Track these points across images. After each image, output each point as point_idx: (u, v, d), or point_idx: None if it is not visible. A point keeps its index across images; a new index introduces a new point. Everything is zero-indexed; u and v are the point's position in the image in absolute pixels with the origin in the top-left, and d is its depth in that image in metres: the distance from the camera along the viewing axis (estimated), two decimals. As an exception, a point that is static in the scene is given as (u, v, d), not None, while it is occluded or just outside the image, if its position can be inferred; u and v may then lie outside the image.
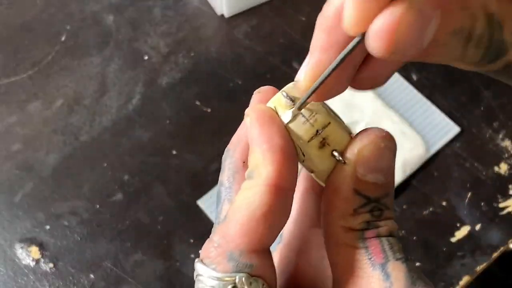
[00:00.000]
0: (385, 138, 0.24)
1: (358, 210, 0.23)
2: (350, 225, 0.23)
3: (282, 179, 0.23)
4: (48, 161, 0.62)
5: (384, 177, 0.24)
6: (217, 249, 0.23)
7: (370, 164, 0.23)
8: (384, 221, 0.24)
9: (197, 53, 0.68)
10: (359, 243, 0.23)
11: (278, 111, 0.25)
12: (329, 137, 0.24)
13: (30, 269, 0.57)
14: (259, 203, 0.23)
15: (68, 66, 0.67)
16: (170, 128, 0.63)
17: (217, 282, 0.23)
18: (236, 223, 0.23)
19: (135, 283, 0.56)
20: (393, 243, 0.23)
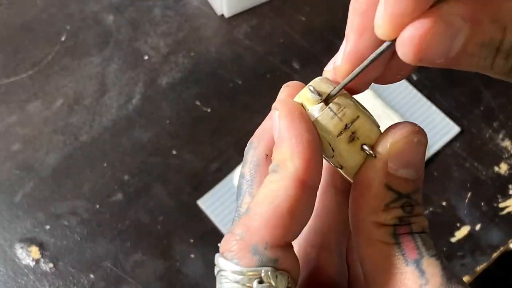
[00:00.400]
0: (418, 133, 0.24)
1: (390, 205, 0.23)
2: (382, 221, 0.23)
3: (309, 174, 0.23)
4: (48, 161, 0.62)
5: (415, 172, 0.24)
6: (239, 243, 0.23)
7: (403, 159, 0.23)
8: (416, 217, 0.23)
9: (197, 53, 0.68)
10: (391, 239, 0.23)
11: (306, 106, 0.24)
12: (359, 131, 0.23)
13: (30, 269, 0.57)
14: (285, 197, 0.23)
15: (68, 66, 0.67)
16: (170, 128, 0.63)
17: (242, 277, 0.22)
18: (261, 216, 0.23)
19: (135, 283, 0.56)
20: (425, 240, 0.23)
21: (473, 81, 0.65)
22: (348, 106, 0.24)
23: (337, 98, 0.24)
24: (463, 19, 0.20)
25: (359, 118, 0.24)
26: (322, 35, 0.69)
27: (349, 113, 0.24)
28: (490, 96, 0.65)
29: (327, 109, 0.24)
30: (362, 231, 0.24)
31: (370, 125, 0.24)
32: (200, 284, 0.56)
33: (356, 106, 0.24)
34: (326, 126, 0.24)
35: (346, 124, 0.23)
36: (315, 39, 0.68)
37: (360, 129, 0.24)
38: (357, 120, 0.24)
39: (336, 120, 0.23)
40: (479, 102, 0.65)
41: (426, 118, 0.63)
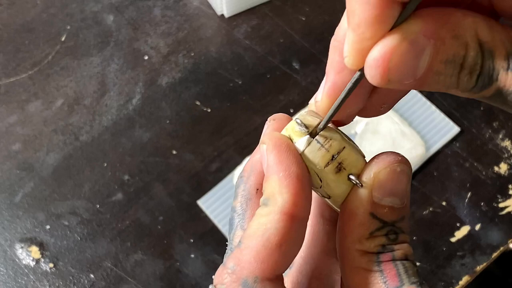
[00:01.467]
0: (401, 162, 0.24)
1: (374, 234, 0.24)
2: (366, 249, 0.24)
3: (298, 207, 0.23)
4: (48, 161, 0.62)
5: (400, 201, 0.24)
6: (231, 276, 0.23)
7: (387, 188, 0.24)
8: (400, 244, 0.24)
9: (197, 53, 0.68)
10: (374, 266, 0.24)
11: (293, 138, 0.25)
12: (345, 162, 0.24)
13: (30, 269, 0.57)
14: (274, 231, 0.23)
15: (68, 66, 0.67)
16: (170, 128, 0.63)
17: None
18: (251, 250, 0.23)
19: (135, 283, 0.56)
20: (408, 267, 0.24)
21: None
22: (334, 138, 0.24)
23: (323, 130, 0.25)
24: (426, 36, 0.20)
25: (345, 149, 0.24)
26: (322, 35, 0.69)
27: (335, 144, 0.24)
28: (490, 96, 0.65)
29: (314, 141, 0.24)
30: (347, 258, 0.24)
31: (356, 155, 0.24)
32: (200, 284, 0.56)
33: (341, 137, 0.25)
34: (313, 158, 0.24)
35: (333, 155, 0.24)
36: (315, 39, 0.68)
37: (346, 159, 0.24)
38: (343, 151, 0.24)
39: (323, 152, 0.24)
40: (478, 102, 0.65)
41: (426, 118, 0.63)
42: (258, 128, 0.63)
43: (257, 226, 0.23)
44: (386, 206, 0.24)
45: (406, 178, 0.24)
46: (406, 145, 0.61)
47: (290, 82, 0.66)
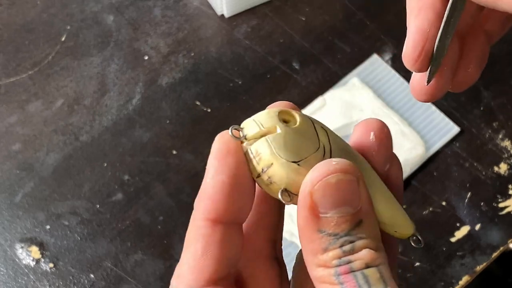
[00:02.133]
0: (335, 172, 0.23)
1: (328, 248, 0.23)
2: (323, 263, 0.23)
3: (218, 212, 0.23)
4: (48, 161, 0.62)
5: (350, 207, 0.23)
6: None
7: (328, 202, 0.22)
8: (357, 254, 0.23)
9: (197, 53, 0.68)
10: (334, 279, 0.23)
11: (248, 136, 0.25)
12: (274, 177, 0.24)
13: (30, 269, 0.57)
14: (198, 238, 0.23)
15: (68, 66, 0.67)
16: (170, 128, 0.63)
17: None
18: (183, 262, 0.23)
19: (135, 283, 0.56)
20: (369, 275, 0.22)
21: (473, 81, 0.65)
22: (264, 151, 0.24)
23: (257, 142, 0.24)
24: None
25: (273, 165, 0.24)
26: (322, 35, 0.69)
27: (265, 158, 0.24)
28: (490, 96, 0.65)
29: (249, 151, 0.24)
30: (310, 272, 0.24)
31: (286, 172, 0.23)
32: (200, 284, 0.57)
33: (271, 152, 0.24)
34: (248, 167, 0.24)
35: (262, 168, 0.24)
36: (315, 39, 0.68)
37: (276, 176, 0.24)
38: (271, 167, 0.24)
39: (254, 163, 0.24)
40: (479, 102, 0.65)
41: (426, 118, 0.63)
42: (258, 128, 0.63)
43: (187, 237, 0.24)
44: (333, 219, 0.22)
45: (347, 184, 0.23)
46: (406, 145, 0.61)
47: (290, 82, 0.66)
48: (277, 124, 0.24)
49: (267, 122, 0.25)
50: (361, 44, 0.68)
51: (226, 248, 0.24)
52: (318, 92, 0.65)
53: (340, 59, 0.67)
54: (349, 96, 0.63)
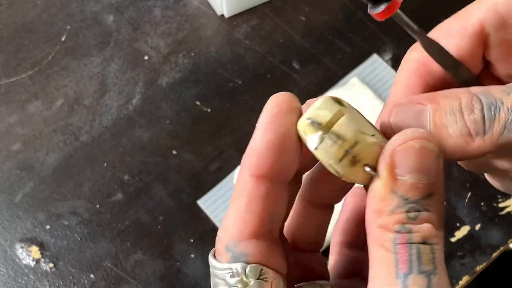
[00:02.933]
0: (420, 139, 0.23)
1: (395, 210, 0.23)
2: (385, 224, 0.23)
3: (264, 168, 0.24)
4: (48, 161, 0.62)
5: (426, 177, 0.23)
6: (219, 243, 0.25)
7: (407, 165, 0.23)
8: (419, 225, 0.23)
9: (197, 53, 0.68)
10: (391, 246, 0.23)
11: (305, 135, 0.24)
12: (359, 155, 0.24)
13: (30, 269, 0.57)
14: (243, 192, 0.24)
15: (68, 66, 0.67)
16: (170, 128, 0.63)
17: (221, 272, 0.25)
18: (229, 215, 0.24)
19: (135, 283, 0.56)
20: (423, 253, 0.23)
21: (473, 81, 0.65)
22: (347, 132, 0.24)
23: (335, 125, 0.24)
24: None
25: (358, 143, 0.24)
26: (322, 35, 0.69)
27: (348, 139, 0.24)
28: (490, 96, 0.65)
29: (327, 138, 0.24)
30: (370, 234, 0.24)
31: (370, 146, 0.24)
32: (200, 284, 0.57)
33: (355, 131, 0.24)
34: (327, 153, 0.24)
35: (346, 150, 0.24)
36: (315, 39, 0.68)
37: (360, 153, 0.24)
38: (356, 146, 0.24)
39: (336, 148, 0.24)
40: (479, 102, 0.65)
41: (426, 118, 0.63)
42: (258, 128, 0.63)
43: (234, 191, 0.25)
44: (408, 183, 0.23)
45: (429, 153, 0.23)
46: (406, 145, 0.61)
47: (290, 82, 0.66)
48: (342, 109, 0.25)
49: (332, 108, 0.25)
50: (361, 44, 0.68)
51: (269, 204, 0.24)
52: (318, 92, 0.65)
53: (340, 59, 0.67)
54: (349, 96, 0.63)
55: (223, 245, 0.25)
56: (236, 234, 0.24)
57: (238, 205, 0.24)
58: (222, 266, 0.25)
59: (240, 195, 0.24)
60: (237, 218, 0.24)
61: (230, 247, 0.24)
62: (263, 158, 0.24)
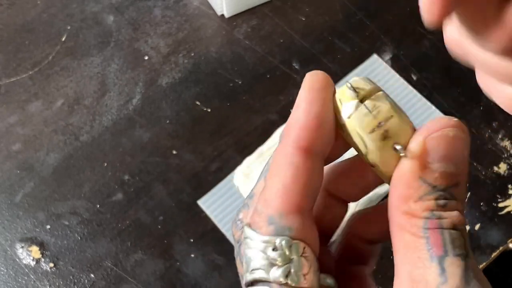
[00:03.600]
0: (454, 127, 0.24)
1: (423, 198, 0.23)
2: (413, 211, 0.23)
3: (310, 141, 0.24)
4: (49, 161, 0.62)
5: (454, 166, 0.23)
6: (258, 215, 0.24)
7: (438, 153, 0.23)
8: (449, 212, 0.23)
9: (197, 53, 0.68)
10: (421, 232, 0.23)
11: (342, 101, 0.25)
12: (391, 130, 0.24)
13: (30, 269, 0.57)
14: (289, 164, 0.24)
15: (68, 66, 0.67)
16: (170, 128, 0.64)
17: (262, 244, 0.24)
18: (272, 187, 0.24)
19: (135, 283, 0.57)
20: (455, 237, 0.23)
21: (472, 81, 0.65)
22: (383, 105, 0.24)
23: (373, 96, 0.25)
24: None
25: (393, 117, 0.24)
26: (322, 35, 0.69)
27: (383, 111, 0.24)
28: (490, 96, 0.65)
29: (362, 106, 0.24)
30: (395, 220, 0.24)
31: (404, 125, 0.24)
32: (200, 284, 0.57)
33: (391, 106, 0.25)
34: (360, 122, 0.24)
35: (380, 122, 0.24)
36: (315, 39, 0.68)
37: (393, 128, 0.24)
38: (391, 119, 0.24)
39: (370, 118, 0.24)
40: (478, 102, 0.65)
41: (426, 118, 0.63)
42: (258, 128, 0.63)
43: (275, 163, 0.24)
44: (438, 171, 0.23)
45: (461, 143, 0.24)
46: (406, 145, 0.61)
47: (290, 82, 0.66)
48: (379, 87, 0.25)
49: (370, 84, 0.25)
50: (361, 44, 0.68)
51: (313, 178, 0.24)
52: (318, 92, 0.65)
53: (340, 59, 0.67)
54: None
55: (264, 217, 0.24)
56: (281, 207, 0.24)
57: (282, 177, 0.24)
58: (263, 238, 0.24)
59: (284, 168, 0.24)
60: (282, 191, 0.24)
61: (274, 219, 0.24)
62: (309, 131, 0.24)
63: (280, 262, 0.23)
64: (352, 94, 0.25)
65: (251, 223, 0.25)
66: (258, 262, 0.24)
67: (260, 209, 0.24)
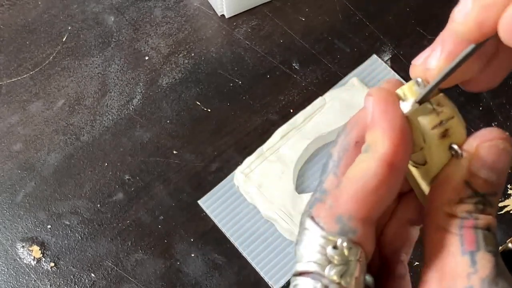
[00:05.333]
0: (505, 140, 0.25)
1: (464, 200, 0.25)
2: (453, 212, 0.25)
3: (397, 157, 0.25)
4: (50, 161, 0.62)
5: (496, 177, 0.25)
6: (328, 211, 0.25)
7: (487, 162, 0.25)
8: (485, 215, 0.25)
9: (197, 53, 0.68)
10: (456, 229, 0.25)
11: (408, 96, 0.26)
12: (451, 130, 0.25)
13: (31, 268, 0.57)
14: (373, 176, 0.24)
15: (69, 66, 0.67)
16: (171, 128, 0.64)
17: (322, 239, 0.25)
18: (350, 190, 0.25)
19: (136, 282, 0.57)
20: (487, 236, 0.24)
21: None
22: (446, 105, 0.25)
23: (437, 96, 0.25)
24: None
25: (454, 118, 0.25)
26: (322, 35, 0.69)
27: (446, 111, 0.25)
28: (489, 96, 0.65)
29: (428, 103, 0.25)
30: (433, 218, 0.25)
31: (462, 127, 0.26)
32: (200, 283, 0.57)
33: (453, 107, 0.26)
34: (423, 118, 0.25)
35: (442, 120, 0.25)
36: (315, 39, 0.69)
37: (453, 128, 0.25)
38: (452, 120, 0.25)
39: (434, 115, 0.25)
40: (478, 102, 0.65)
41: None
42: (258, 128, 0.63)
43: (357, 170, 0.25)
44: (482, 178, 0.25)
45: (507, 156, 0.25)
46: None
47: (290, 82, 0.66)
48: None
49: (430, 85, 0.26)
50: (361, 45, 0.68)
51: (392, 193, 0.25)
52: (318, 92, 0.65)
53: (340, 59, 0.67)
54: (349, 96, 0.63)
55: (333, 214, 0.25)
56: (353, 210, 0.25)
57: (363, 184, 0.24)
58: (323, 234, 0.25)
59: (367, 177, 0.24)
60: (361, 197, 0.24)
61: (343, 219, 0.25)
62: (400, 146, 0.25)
63: (337, 261, 0.24)
64: (419, 90, 0.25)
65: (314, 216, 0.25)
66: (314, 255, 0.25)
67: (329, 204, 0.25)
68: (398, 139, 0.25)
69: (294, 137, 0.61)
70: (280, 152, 0.60)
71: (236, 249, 0.58)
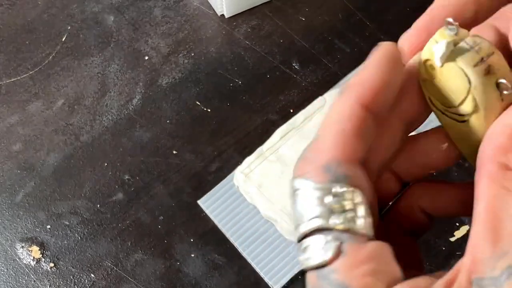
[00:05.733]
0: None
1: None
2: (508, 165, 0.22)
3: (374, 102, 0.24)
4: (49, 161, 0.62)
5: None
6: (313, 164, 0.24)
7: None
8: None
9: (197, 53, 0.68)
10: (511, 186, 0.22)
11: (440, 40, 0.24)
12: (494, 66, 0.23)
13: (30, 269, 0.57)
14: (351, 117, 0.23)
15: (69, 66, 0.67)
16: (171, 128, 0.64)
17: (317, 192, 0.23)
18: (329, 136, 0.24)
19: (135, 282, 0.57)
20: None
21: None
22: (483, 42, 0.24)
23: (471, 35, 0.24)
24: None
25: (494, 54, 0.24)
26: (322, 35, 0.69)
27: (485, 47, 0.24)
28: None
29: (463, 42, 0.24)
30: (486, 170, 0.23)
31: (504, 63, 0.24)
32: (200, 283, 0.57)
33: (491, 43, 0.24)
34: (462, 58, 0.23)
35: (482, 57, 0.23)
36: (315, 39, 0.68)
37: (496, 64, 0.23)
38: (493, 55, 0.23)
39: (472, 53, 0.23)
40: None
41: (426, 118, 0.63)
42: (258, 128, 0.63)
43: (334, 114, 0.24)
44: None
45: None
46: (406, 145, 0.61)
47: (290, 82, 0.66)
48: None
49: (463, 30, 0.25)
50: (361, 44, 0.68)
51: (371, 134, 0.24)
52: (318, 92, 0.65)
53: (340, 59, 0.67)
54: (349, 96, 0.63)
55: (319, 165, 0.23)
56: (339, 155, 0.23)
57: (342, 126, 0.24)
58: (317, 186, 0.23)
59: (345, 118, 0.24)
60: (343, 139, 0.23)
61: (331, 167, 0.23)
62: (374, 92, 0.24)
63: (339, 208, 0.23)
64: (451, 34, 0.24)
65: (300, 174, 0.24)
66: (314, 210, 0.23)
67: (312, 157, 0.24)
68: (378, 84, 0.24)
69: (294, 137, 0.61)
70: (280, 152, 0.60)
71: (236, 249, 0.57)
